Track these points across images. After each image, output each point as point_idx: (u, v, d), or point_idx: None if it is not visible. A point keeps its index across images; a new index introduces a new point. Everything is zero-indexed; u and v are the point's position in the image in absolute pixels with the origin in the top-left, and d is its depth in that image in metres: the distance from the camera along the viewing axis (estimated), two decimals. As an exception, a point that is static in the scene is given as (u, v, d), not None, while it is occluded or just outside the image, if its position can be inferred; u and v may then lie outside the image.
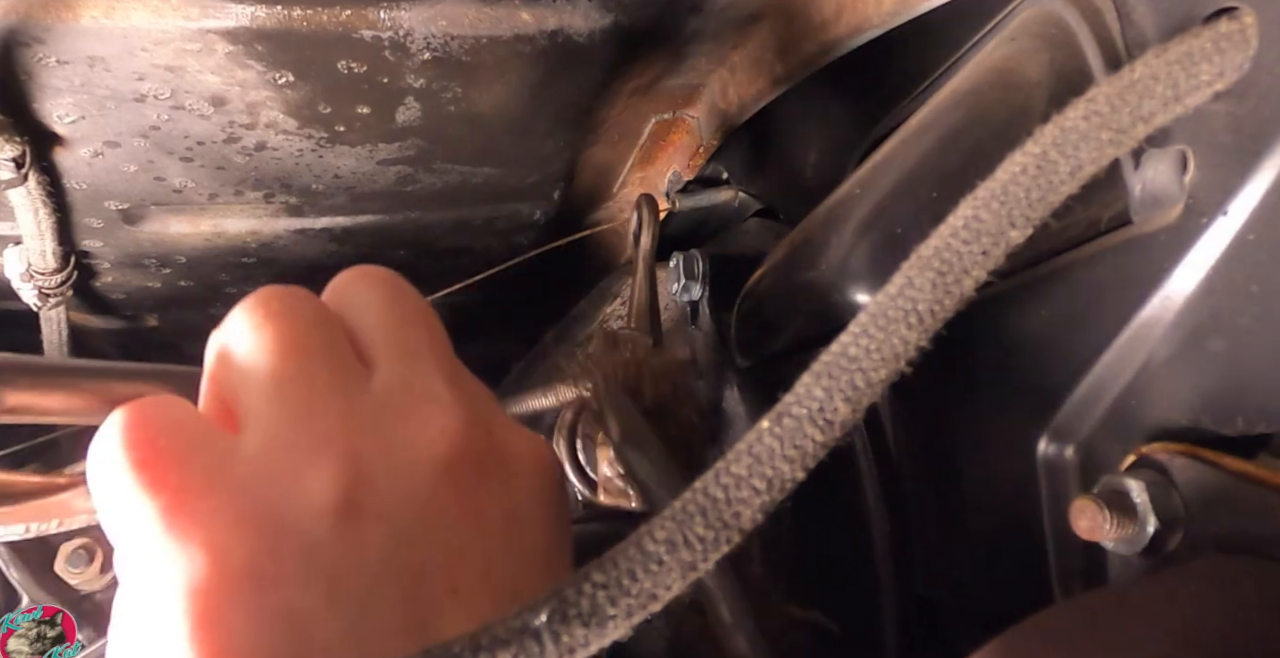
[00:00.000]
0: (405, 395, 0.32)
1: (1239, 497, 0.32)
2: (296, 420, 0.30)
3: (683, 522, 0.27)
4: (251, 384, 0.31)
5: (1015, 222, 0.29)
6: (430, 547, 0.29)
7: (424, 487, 0.30)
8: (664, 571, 0.26)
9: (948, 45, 0.55)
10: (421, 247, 1.05)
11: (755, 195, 0.92)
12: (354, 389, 0.32)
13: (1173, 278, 0.36)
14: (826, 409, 0.28)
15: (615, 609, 0.26)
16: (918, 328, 0.29)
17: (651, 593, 0.26)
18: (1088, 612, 0.31)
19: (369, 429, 0.30)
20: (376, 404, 0.31)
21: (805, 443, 0.28)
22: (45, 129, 0.72)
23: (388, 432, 0.30)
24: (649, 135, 0.95)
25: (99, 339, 1.17)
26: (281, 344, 0.32)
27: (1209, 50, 0.31)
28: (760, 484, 0.28)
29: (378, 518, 0.28)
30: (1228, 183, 0.34)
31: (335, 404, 0.30)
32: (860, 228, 0.54)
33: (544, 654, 0.25)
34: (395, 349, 0.34)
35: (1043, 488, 0.44)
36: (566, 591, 0.26)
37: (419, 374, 0.33)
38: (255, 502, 0.28)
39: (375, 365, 0.33)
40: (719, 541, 0.27)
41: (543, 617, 0.25)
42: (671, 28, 0.73)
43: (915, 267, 0.30)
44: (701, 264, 0.81)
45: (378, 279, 0.36)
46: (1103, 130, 0.30)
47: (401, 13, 0.66)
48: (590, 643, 0.26)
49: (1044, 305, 0.45)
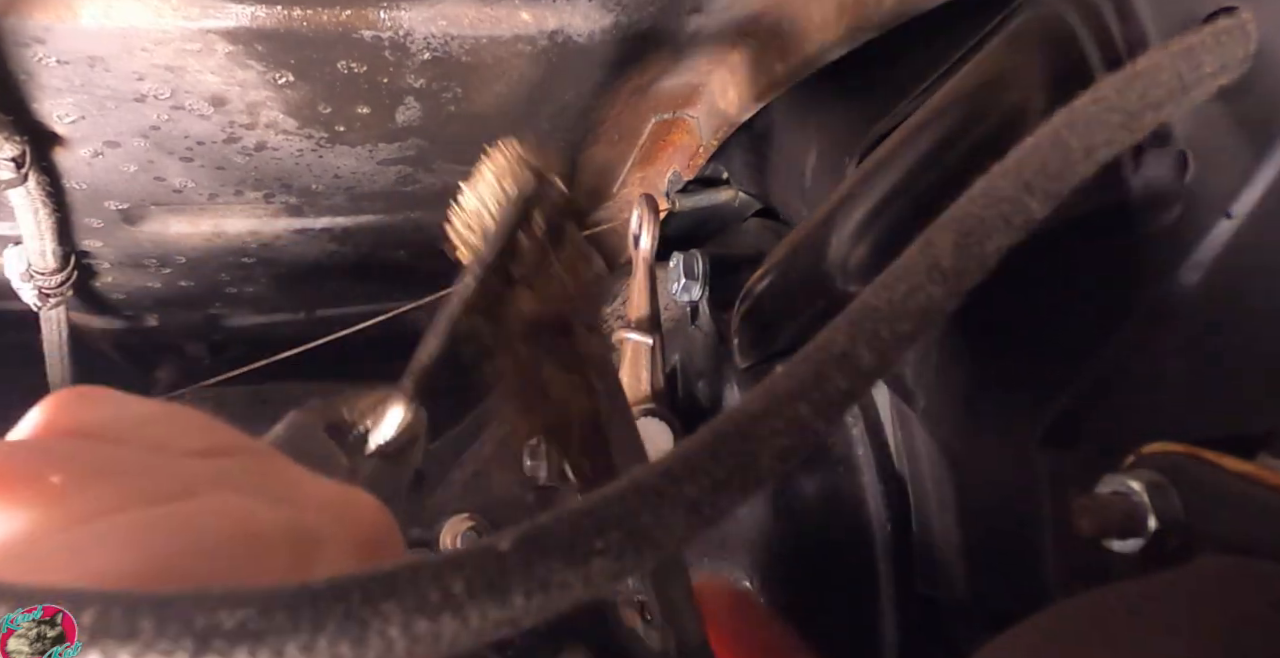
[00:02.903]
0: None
1: (1239, 497, 0.32)
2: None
3: (688, 455, 0.23)
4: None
5: (1034, 191, 0.28)
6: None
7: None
8: (663, 505, 0.22)
9: (948, 45, 0.55)
10: (421, 247, 1.05)
11: (755, 195, 0.92)
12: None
13: (1173, 278, 0.36)
14: (850, 354, 0.25)
15: (601, 542, 0.21)
16: (942, 284, 0.27)
17: (647, 531, 0.22)
18: (1088, 612, 0.31)
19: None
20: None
21: (827, 386, 0.25)
22: (45, 129, 0.72)
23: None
24: (649, 135, 0.95)
25: (99, 339, 1.17)
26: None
27: (1210, 44, 0.31)
28: (779, 424, 0.24)
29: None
30: (1228, 183, 0.34)
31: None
32: (860, 228, 0.54)
33: (508, 584, 0.20)
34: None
35: (1043, 488, 0.44)
36: (544, 518, 0.22)
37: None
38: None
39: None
40: (730, 482, 0.23)
41: (509, 541, 0.21)
42: (671, 28, 0.73)
43: (935, 230, 0.28)
44: (701, 264, 0.81)
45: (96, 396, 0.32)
46: (1112, 114, 0.29)
47: (401, 13, 0.66)
48: (568, 581, 0.21)
49: (1045, 305, 0.45)
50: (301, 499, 0.29)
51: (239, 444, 0.31)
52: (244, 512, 0.27)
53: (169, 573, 0.24)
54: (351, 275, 1.08)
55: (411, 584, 0.20)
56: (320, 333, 0.99)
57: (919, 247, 0.28)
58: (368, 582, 0.20)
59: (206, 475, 0.29)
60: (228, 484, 0.28)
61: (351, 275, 1.08)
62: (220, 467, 0.29)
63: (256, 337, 1.19)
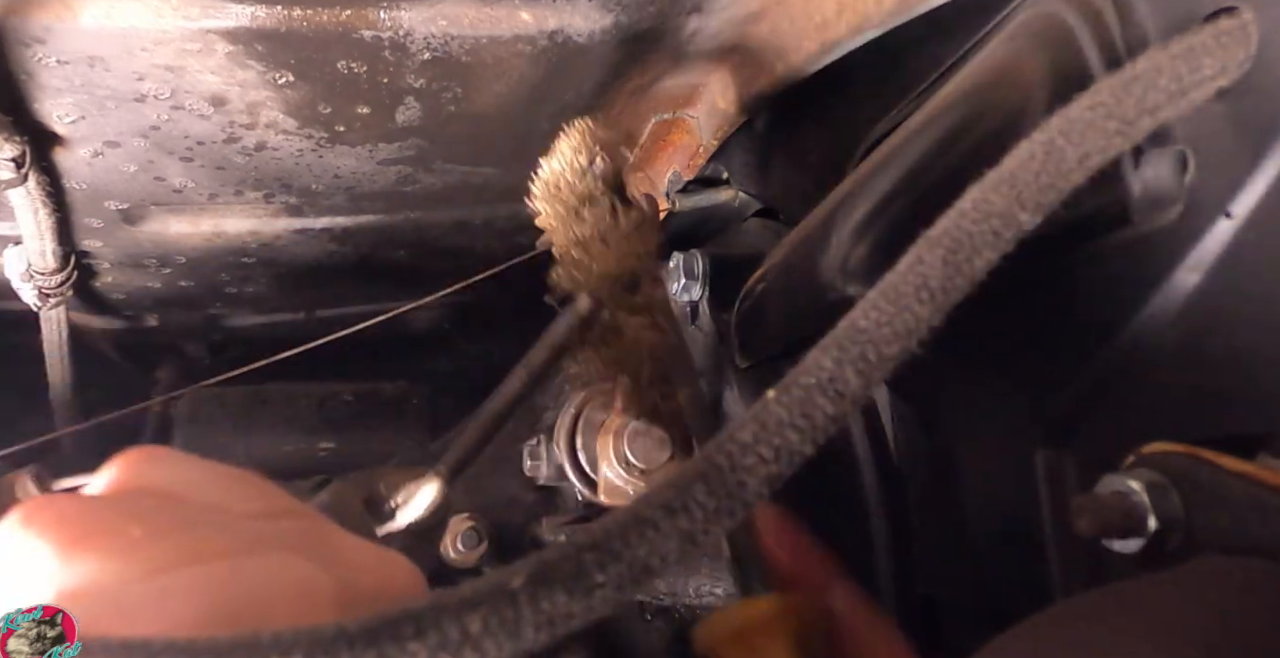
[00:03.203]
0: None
1: (1239, 497, 0.32)
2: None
3: (682, 487, 0.25)
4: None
5: (1025, 204, 0.28)
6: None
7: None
8: (660, 537, 0.24)
9: (948, 45, 0.55)
10: (421, 247, 1.05)
11: (755, 195, 0.92)
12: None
13: (1173, 278, 0.36)
14: (837, 379, 0.26)
15: (603, 575, 0.23)
16: (929, 304, 0.27)
17: (645, 562, 0.24)
18: (1088, 612, 0.31)
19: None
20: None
21: (815, 413, 0.26)
22: (45, 129, 0.72)
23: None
24: (649, 135, 0.95)
25: (99, 339, 1.17)
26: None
27: (1210, 45, 0.31)
28: (767, 453, 0.25)
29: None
30: (1228, 183, 0.34)
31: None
32: (860, 228, 0.54)
33: (519, 619, 0.22)
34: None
35: (1043, 488, 0.44)
36: (549, 553, 0.23)
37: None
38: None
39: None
40: (721, 511, 0.25)
41: (520, 578, 0.23)
42: (671, 28, 0.73)
43: (924, 246, 0.29)
44: (701, 264, 0.81)
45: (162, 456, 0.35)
46: (1108, 120, 0.29)
47: (401, 13, 0.66)
48: (574, 612, 0.23)
49: (1045, 305, 0.45)
50: (349, 562, 0.32)
51: (292, 508, 0.35)
52: (302, 571, 0.30)
53: (235, 621, 0.27)
54: (351, 275, 1.08)
55: (435, 625, 0.22)
56: (320, 333, 0.99)
57: (908, 264, 0.28)
58: (396, 623, 0.22)
59: (268, 535, 0.32)
60: (286, 545, 0.31)
61: (351, 275, 1.08)
62: (280, 528, 0.33)
63: (256, 337, 1.19)
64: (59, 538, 0.28)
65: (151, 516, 0.30)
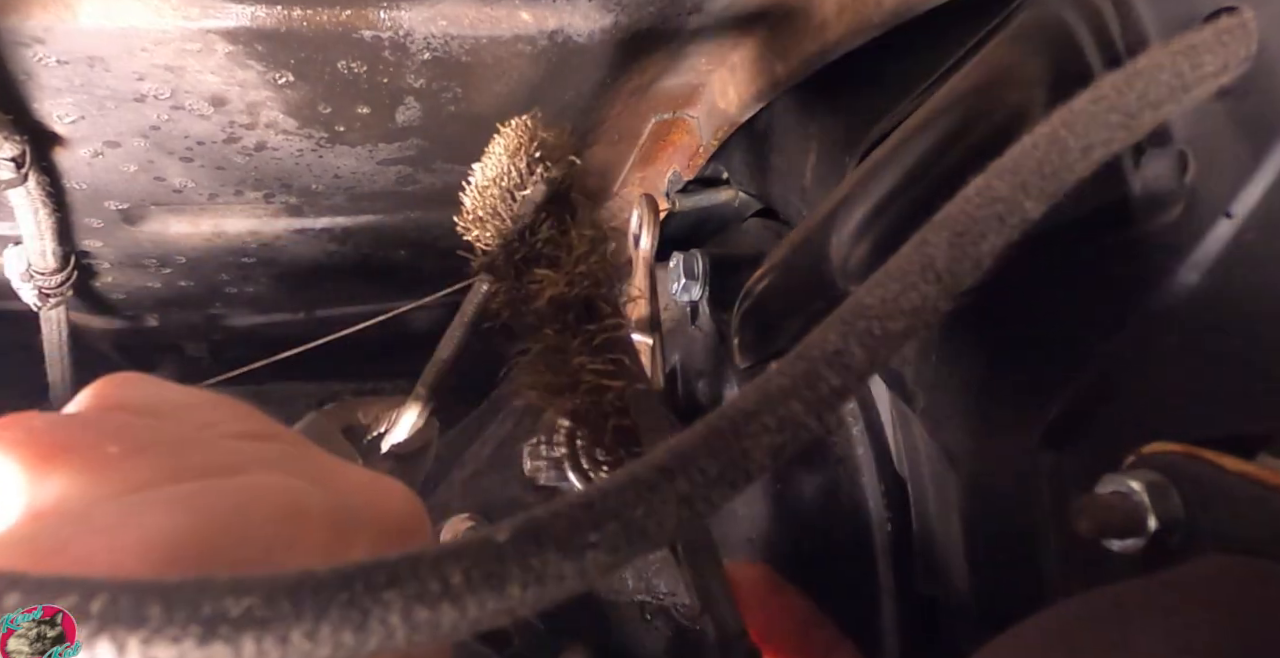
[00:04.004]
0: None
1: (1239, 497, 0.32)
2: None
3: (683, 451, 0.24)
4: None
5: (1029, 191, 0.28)
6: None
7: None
8: (658, 500, 0.23)
9: (948, 45, 0.55)
10: (421, 247, 1.05)
11: (755, 195, 0.92)
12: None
13: (1173, 278, 0.36)
14: (844, 352, 0.26)
15: (596, 535, 0.22)
16: (935, 284, 0.27)
17: (641, 525, 0.22)
18: (1088, 612, 0.31)
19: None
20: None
21: (820, 384, 0.25)
22: (45, 129, 0.72)
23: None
24: (649, 135, 0.95)
25: (99, 339, 1.17)
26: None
27: (1211, 43, 0.31)
28: (771, 421, 0.25)
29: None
30: (1228, 183, 0.34)
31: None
32: (860, 228, 0.54)
33: (505, 575, 0.21)
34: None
35: (1043, 488, 0.44)
36: (539, 510, 0.22)
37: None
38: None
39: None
40: (723, 477, 0.24)
41: (507, 533, 0.21)
42: (671, 28, 0.73)
43: (930, 229, 0.28)
44: (701, 264, 0.81)
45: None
46: (1111, 113, 0.29)
47: (401, 13, 0.66)
48: (564, 573, 0.21)
49: (1044, 305, 0.45)
50: (340, 484, 0.30)
51: (276, 431, 0.33)
52: (291, 490, 0.28)
53: (215, 542, 0.25)
54: (351, 275, 1.08)
55: (412, 574, 0.21)
56: (320, 333, 0.99)
57: (913, 246, 0.28)
58: (370, 571, 0.21)
59: (251, 455, 0.30)
60: (271, 465, 0.29)
61: (351, 275, 1.08)
62: (263, 449, 0.31)
63: (256, 337, 1.19)
64: (29, 454, 0.27)
65: (128, 433, 0.28)
